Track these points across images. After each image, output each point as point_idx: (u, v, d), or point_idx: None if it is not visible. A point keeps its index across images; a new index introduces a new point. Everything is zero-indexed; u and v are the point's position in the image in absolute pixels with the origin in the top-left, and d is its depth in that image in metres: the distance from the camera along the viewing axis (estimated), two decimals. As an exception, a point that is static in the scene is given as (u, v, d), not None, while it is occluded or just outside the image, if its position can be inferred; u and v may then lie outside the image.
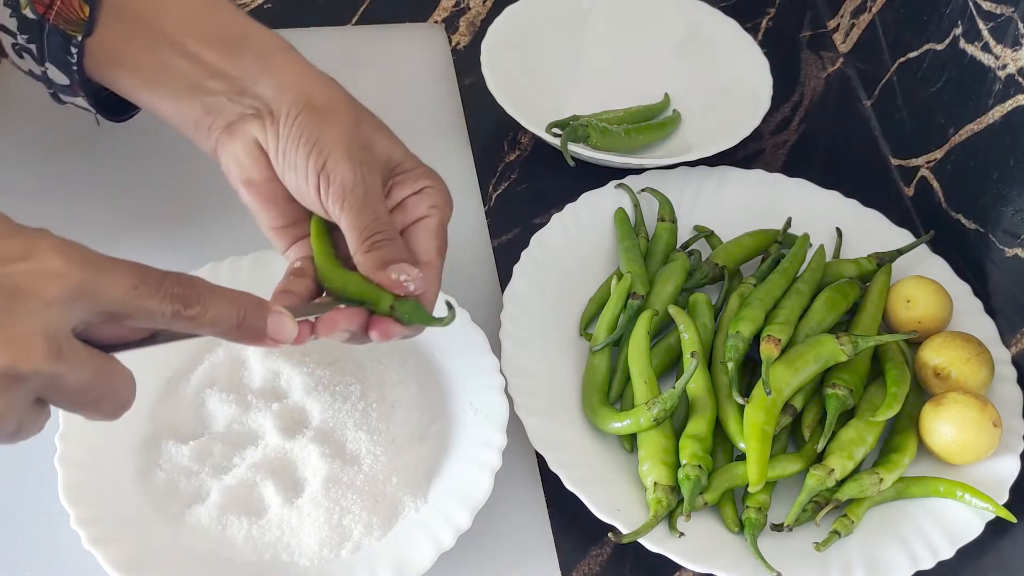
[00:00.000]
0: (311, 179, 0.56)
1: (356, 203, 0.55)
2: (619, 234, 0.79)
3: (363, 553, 0.61)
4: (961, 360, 0.70)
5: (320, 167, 0.55)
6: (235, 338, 0.50)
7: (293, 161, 0.56)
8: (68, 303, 0.44)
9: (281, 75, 0.57)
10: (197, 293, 0.48)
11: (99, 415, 0.48)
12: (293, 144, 0.56)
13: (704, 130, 0.88)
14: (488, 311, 0.73)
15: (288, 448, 0.63)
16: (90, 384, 0.46)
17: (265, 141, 0.57)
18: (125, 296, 0.46)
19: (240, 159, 0.57)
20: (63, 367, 0.44)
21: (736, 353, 0.69)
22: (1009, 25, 0.75)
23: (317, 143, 0.56)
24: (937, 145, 0.84)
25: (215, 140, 0.58)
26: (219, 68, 0.57)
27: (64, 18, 0.57)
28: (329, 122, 0.56)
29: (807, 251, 0.78)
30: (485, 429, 0.65)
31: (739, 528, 0.65)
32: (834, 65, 0.98)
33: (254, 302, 0.51)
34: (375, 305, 0.55)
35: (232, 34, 0.58)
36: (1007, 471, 0.68)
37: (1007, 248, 0.76)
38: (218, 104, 0.57)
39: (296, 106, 0.56)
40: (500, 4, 0.92)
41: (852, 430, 0.68)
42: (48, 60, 0.59)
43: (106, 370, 0.47)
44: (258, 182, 0.58)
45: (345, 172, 0.55)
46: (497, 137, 0.87)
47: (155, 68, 0.58)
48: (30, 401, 0.45)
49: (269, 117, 0.56)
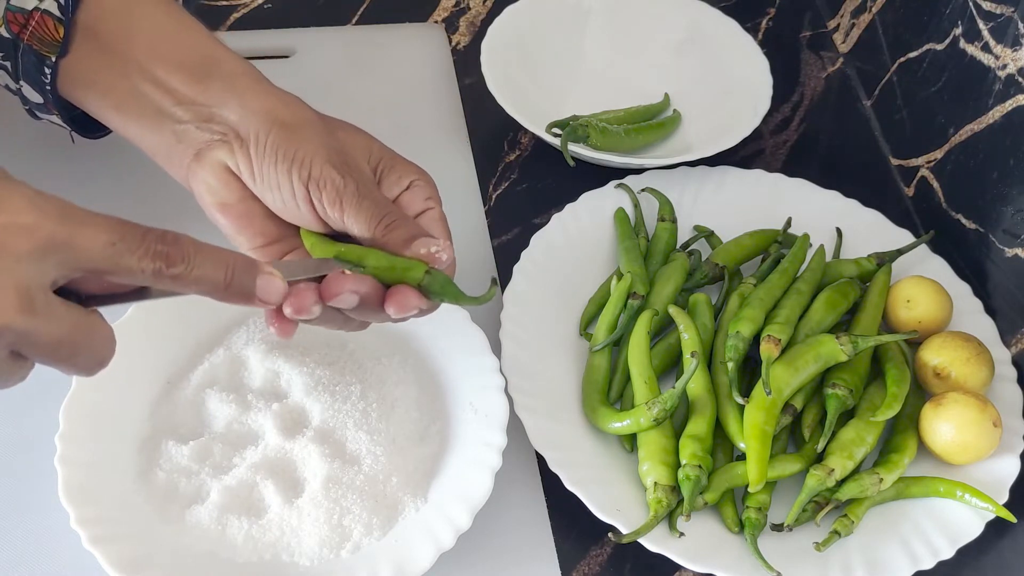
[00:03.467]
0: (299, 193, 0.55)
1: (354, 198, 0.55)
2: (619, 234, 0.79)
3: (363, 553, 0.61)
4: (961, 360, 0.70)
5: (306, 178, 0.54)
6: (222, 298, 0.49)
7: (275, 181, 0.55)
8: (40, 258, 0.44)
9: (245, 98, 0.57)
10: (181, 251, 0.47)
11: (75, 371, 0.48)
12: (271, 163, 0.55)
13: (704, 130, 0.88)
14: (488, 311, 0.73)
15: (288, 448, 0.63)
16: (65, 339, 0.46)
17: (236, 165, 0.56)
18: (103, 252, 0.45)
19: (211, 184, 0.56)
20: (35, 322, 0.44)
21: (736, 353, 0.69)
22: (1009, 25, 0.75)
23: (296, 157, 0.55)
24: (937, 145, 0.84)
25: (186, 169, 0.57)
26: (186, 95, 0.57)
27: (38, 38, 0.57)
28: (302, 136, 0.55)
29: (807, 251, 0.78)
30: (485, 429, 0.65)
31: (739, 528, 0.65)
32: (834, 65, 0.98)
33: (243, 261, 0.49)
34: (403, 275, 0.53)
35: (200, 60, 0.58)
36: (1007, 471, 0.68)
37: (1007, 248, 0.76)
38: (187, 133, 0.57)
39: (264, 126, 0.56)
40: (500, 4, 0.92)
41: (852, 430, 0.68)
42: (22, 78, 0.59)
43: (84, 326, 0.47)
44: (232, 203, 0.57)
45: (333, 176, 0.54)
46: (497, 137, 0.87)
47: (126, 93, 0.57)
48: (5, 355, 0.45)
49: (237, 141, 0.56)
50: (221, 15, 0.92)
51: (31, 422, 0.66)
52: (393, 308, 0.54)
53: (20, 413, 0.66)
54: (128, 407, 0.65)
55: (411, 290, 0.54)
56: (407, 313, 0.54)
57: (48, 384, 0.66)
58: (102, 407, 0.63)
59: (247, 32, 0.91)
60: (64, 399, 0.63)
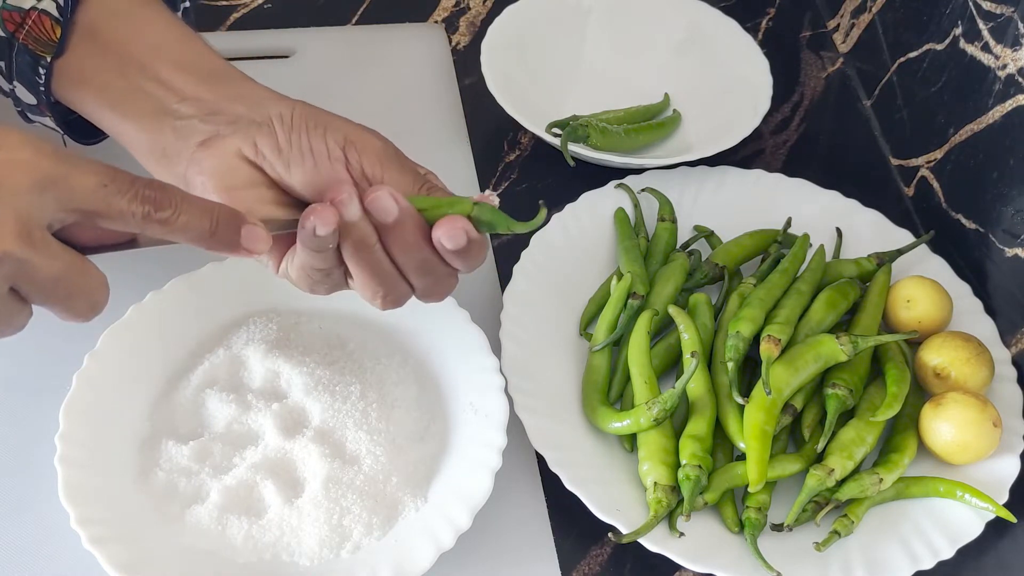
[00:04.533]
0: (334, 153, 0.55)
1: (395, 160, 0.56)
2: (619, 234, 0.79)
3: (363, 553, 0.61)
4: (961, 360, 0.70)
5: (342, 142, 0.56)
6: (209, 246, 0.50)
7: (307, 147, 0.55)
8: (37, 192, 0.45)
9: (255, 97, 0.57)
10: (168, 197, 0.49)
11: (71, 314, 0.49)
12: (301, 132, 0.56)
13: (704, 130, 0.88)
14: (488, 311, 0.73)
15: (288, 448, 0.63)
16: (62, 277, 0.47)
17: (253, 149, 0.55)
18: (95, 192, 0.46)
19: (219, 170, 0.56)
20: (33, 254, 0.45)
21: (736, 353, 0.69)
22: (1009, 25, 0.75)
23: (328, 127, 0.56)
24: (937, 145, 0.84)
25: (187, 161, 0.56)
26: (191, 93, 0.57)
27: (34, 38, 0.57)
28: (326, 114, 0.57)
29: (807, 251, 0.78)
30: (485, 429, 0.65)
31: (739, 528, 0.65)
32: (834, 65, 0.98)
33: (227, 211, 0.51)
34: (449, 210, 0.54)
35: (207, 66, 0.58)
36: (1007, 471, 0.68)
37: (1007, 248, 0.76)
38: (189, 126, 0.56)
39: (286, 108, 0.56)
40: (500, 4, 0.92)
41: (852, 430, 0.68)
42: (16, 79, 0.59)
43: (79, 268, 0.48)
44: (238, 187, 0.56)
45: (372, 138, 0.56)
46: (497, 137, 0.87)
47: (124, 91, 0.57)
48: (5, 290, 0.46)
49: (254, 126, 0.55)
50: (221, 15, 0.92)
51: (31, 422, 0.66)
52: (444, 231, 0.54)
53: (20, 413, 0.66)
54: (128, 407, 0.65)
55: (460, 218, 0.54)
56: (456, 241, 0.54)
57: (48, 384, 0.66)
58: (102, 407, 0.63)
59: (247, 32, 0.91)
60: (64, 399, 0.63)
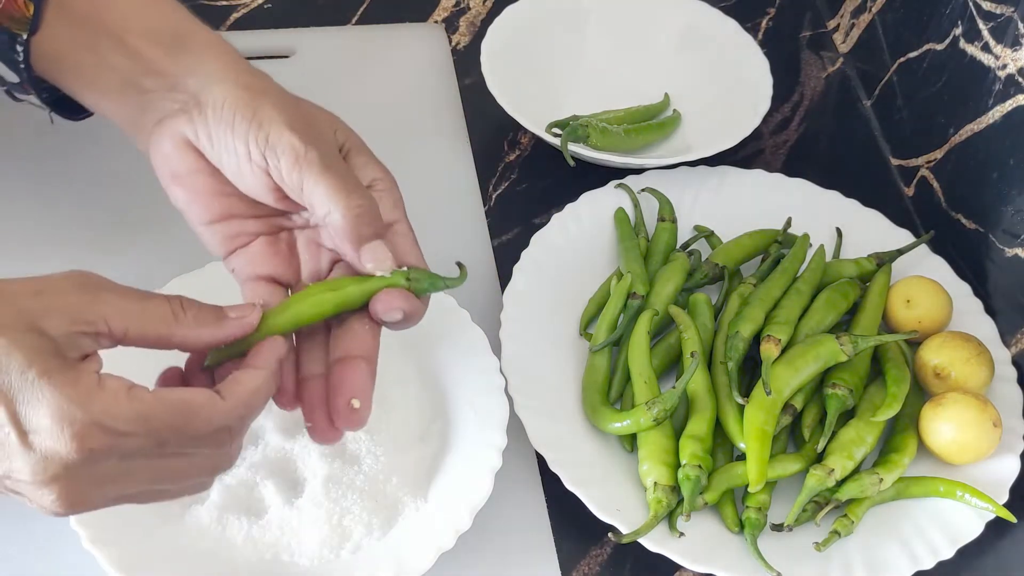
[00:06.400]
0: (255, 156, 0.52)
1: (315, 166, 0.52)
2: (619, 234, 0.79)
3: (363, 553, 0.61)
4: (961, 360, 0.70)
5: (264, 142, 0.52)
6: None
7: (230, 144, 0.53)
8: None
9: (212, 67, 0.55)
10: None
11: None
12: (227, 126, 0.53)
13: (704, 130, 0.88)
14: (488, 311, 0.73)
15: (288, 448, 0.63)
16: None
17: (194, 133, 0.54)
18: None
19: (166, 153, 0.55)
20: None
21: (736, 353, 0.69)
22: (1009, 25, 0.75)
23: (254, 119, 0.52)
24: (937, 145, 0.84)
25: (147, 139, 0.56)
26: (156, 66, 0.56)
27: (9, 16, 0.56)
28: (263, 101, 0.53)
29: (807, 251, 0.78)
30: (485, 429, 0.65)
31: (739, 528, 0.65)
32: (834, 65, 0.98)
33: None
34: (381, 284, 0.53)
35: (173, 30, 0.57)
36: (1007, 471, 0.68)
37: (1007, 248, 0.76)
38: (152, 102, 0.56)
39: (225, 91, 0.54)
40: (500, 4, 0.92)
41: (852, 430, 0.68)
42: None
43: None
44: (183, 175, 0.55)
45: (292, 140, 0.52)
46: (497, 137, 0.87)
47: (96, 67, 0.57)
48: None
49: (196, 108, 0.54)
50: (221, 15, 0.92)
51: (31, 422, 0.65)
52: (380, 307, 0.53)
53: (20, 413, 0.66)
54: (128, 407, 0.64)
55: (395, 290, 0.53)
56: (391, 313, 0.53)
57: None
58: (102, 407, 0.63)
59: (247, 32, 0.91)
60: (64, 399, 0.63)
